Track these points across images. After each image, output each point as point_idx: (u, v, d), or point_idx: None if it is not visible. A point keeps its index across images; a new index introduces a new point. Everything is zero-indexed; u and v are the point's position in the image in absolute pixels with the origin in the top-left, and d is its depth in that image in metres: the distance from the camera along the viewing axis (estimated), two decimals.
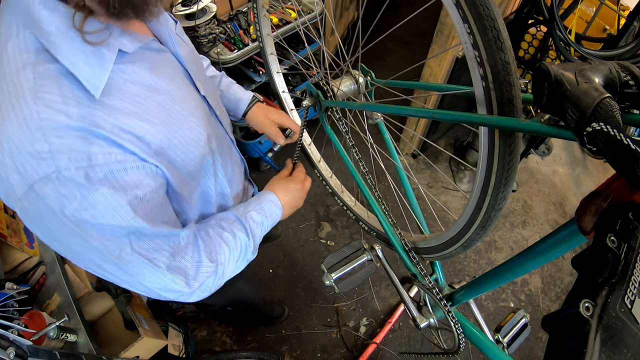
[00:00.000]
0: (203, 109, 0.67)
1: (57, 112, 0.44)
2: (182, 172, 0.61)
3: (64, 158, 0.44)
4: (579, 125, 0.33)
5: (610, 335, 0.27)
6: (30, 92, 0.44)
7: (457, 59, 1.73)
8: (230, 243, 0.66)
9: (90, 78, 0.47)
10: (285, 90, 1.09)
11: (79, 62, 0.46)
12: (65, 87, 0.46)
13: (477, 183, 0.54)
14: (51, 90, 0.45)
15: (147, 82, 0.55)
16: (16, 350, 0.77)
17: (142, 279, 0.55)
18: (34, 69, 0.45)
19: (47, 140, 0.44)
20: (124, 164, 0.50)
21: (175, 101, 0.59)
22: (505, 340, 0.71)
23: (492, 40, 0.42)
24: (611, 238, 0.32)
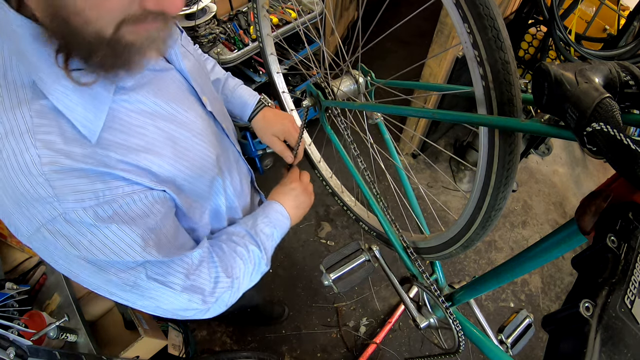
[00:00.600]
0: (210, 127, 0.65)
1: (59, 154, 0.42)
2: (191, 196, 0.61)
3: (70, 200, 0.43)
4: (579, 125, 0.33)
5: (610, 335, 0.27)
6: (29, 134, 0.41)
7: (457, 59, 1.73)
8: (245, 257, 0.66)
9: (85, 123, 0.45)
10: (285, 90, 1.09)
11: (72, 105, 0.44)
12: (65, 126, 0.44)
13: (477, 183, 0.54)
14: (50, 130, 0.43)
15: (151, 109, 0.53)
16: (16, 350, 0.77)
17: (160, 302, 0.55)
18: (30, 106, 0.42)
19: (51, 184, 0.42)
20: (132, 196, 0.48)
21: (182, 125, 0.57)
22: (509, 341, 0.71)
23: (491, 40, 0.42)
24: (611, 238, 0.32)
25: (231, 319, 1.70)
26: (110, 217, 0.46)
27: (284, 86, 1.09)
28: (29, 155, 0.41)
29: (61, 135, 0.43)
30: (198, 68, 0.69)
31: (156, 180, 0.52)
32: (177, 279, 0.55)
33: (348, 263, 0.75)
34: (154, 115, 0.53)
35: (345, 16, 2.47)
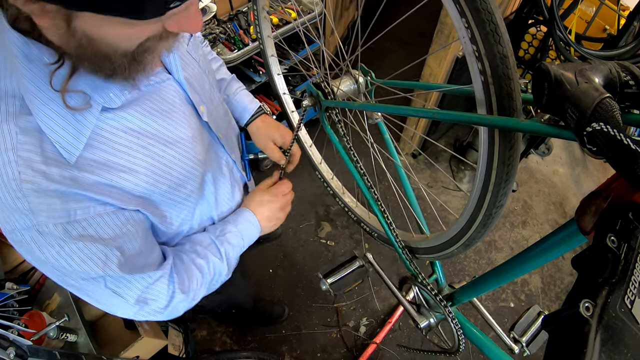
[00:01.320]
0: (201, 141, 0.66)
1: (37, 174, 0.45)
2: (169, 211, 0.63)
3: (43, 215, 0.46)
4: (579, 125, 0.33)
5: (610, 335, 0.27)
6: (12, 151, 0.44)
7: (457, 59, 1.73)
8: (204, 269, 0.67)
9: (66, 145, 0.46)
10: (286, 92, 1.08)
11: (56, 127, 0.46)
12: (46, 145, 0.46)
13: (477, 181, 0.54)
14: (31, 148, 0.44)
15: (137, 127, 0.54)
16: (16, 350, 0.77)
17: (113, 309, 0.58)
18: (16, 122, 0.44)
19: (27, 199, 0.44)
20: (103, 217, 0.51)
21: (168, 144, 0.58)
22: (524, 339, 0.68)
23: (489, 34, 0.42)
24: (611, 238, 0.32)
25: (231, 319, 1.70)
26: (79, 235, 0.48)
27: (285, 88, 1.09)
28: (11, 170, 0.44)
29: (42, 155, 0.45)
30: (199, 76, 0.69)
31: (131, 200, 0.54)
32: (133, 293, 0.57)
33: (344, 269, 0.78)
34: (139, 133, 0.54)
35: (345, 16, 2.47)
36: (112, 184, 0.51)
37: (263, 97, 1.96)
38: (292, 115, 1.10)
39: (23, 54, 0.43)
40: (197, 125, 0.65)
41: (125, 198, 0.53)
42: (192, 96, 0.64)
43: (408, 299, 0.79)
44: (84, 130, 0.48)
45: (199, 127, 0.65)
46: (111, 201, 0.51)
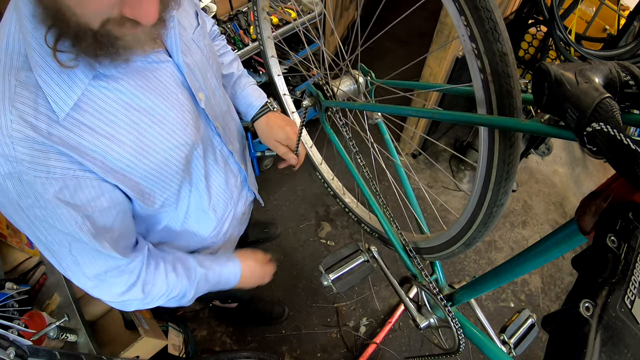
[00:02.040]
0: (195, 126, 0.66)
1: (27, 125, 0.47)
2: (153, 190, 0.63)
3: (25, 165, 0.48)
4: (579, 125, 0.33)
5: (610, 335, 0.27)
6: (8, 101, 0.47)
7: (457, 59, 1.73)
8: (171, 284, 0.69)
9: (57, 99, 0.49)
10: (286, 93, 1.09)
11: (51, 82, 0.48)
12: (40, 100, 0.48)
13: (477, 180, 0.54)
14: (27, 101, 0.47)
15: (128, 99, 0.55)
16: (16, 350, 0.77)
17: (71, 276, 0.59)
18: (17, 75, 0.47)
19: (14, 147, 0.47)
20: (80, 181, 0.52)
21: (156, 121, 0.59)
22: (512, 341, 0.71)
23: (489, 32, 0.42)
24: (611, 238, 0.32)
25: (231, 319, 1.70)
26: (55, 193, 0.50)
27: (285, 88, 1.09)
28: (4, 117, 0.46)
29: (34, 109, 0.48)
30: (202, 64, 0.70)
31: (110, 171, 0.55)
32: (94, 269, 0.58)
33: (347, 264, 0.75)
34: (129, 105, 0.56)
35: (345, 16, 2.47)
36: (94, 149, 0.53)
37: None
38: (293, 116, 1.10)
39: (30, 12, 0.46)
40: (192, 110, 0.66)
41: (106, 168, 0.54)
42: (190, 81, 0.65)
43: (410, 297, 0.79)
44: (75, 88, 0.50)
45: (193, 113, 0.66)
46: (91, 167, 0.53)
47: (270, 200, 2.09)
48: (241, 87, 0.93)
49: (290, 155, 0.91)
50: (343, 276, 0.74)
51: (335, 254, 0.76)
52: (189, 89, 0.65)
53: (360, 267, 0.76)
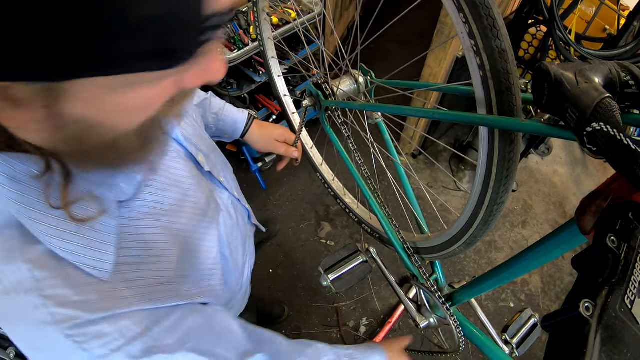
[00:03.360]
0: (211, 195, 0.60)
1: (74, 309, 0.36)
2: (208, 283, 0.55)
3: (96, 347, 0.38)
4: (579, 125, 0.33)
5: (610, 335, 0.27)
6: (34, 294, 0.35)
7: (457, 59, 1.73)
8: None
9: (94, 264, 0.38)
10: (287, 93, 1.08)
11: (76, 249, 0.37)
12: (70, 270, 0.37)
13: (477, 180, 0.54)
14: (56, 282, 0.36)
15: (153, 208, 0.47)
16: (16, 350, 0.77)
17: None
18: (24, 256, 0.35)
19: (73, 340, 0.36)
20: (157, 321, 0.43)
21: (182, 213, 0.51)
22: (514, 341, 0.70)
23: (487, 28, 0.42)
24: (611, 238, 0.32)
25: None
26: (141, 351, 0.40)
27: (285, 89, 1.09)
28: (42, 314, 0.35)
29: (70, 286, 0.37)
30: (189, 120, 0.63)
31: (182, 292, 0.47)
32: None
33: (346, 264, 0.75)
34: (157, 215, 0.47)
35: (345, 16, 2.47)
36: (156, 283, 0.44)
37: (263, 97, 1.96)
38: (293, 117, 1.10)
39: (6, 176, 0.33)
40: (202, 179, 0.59)
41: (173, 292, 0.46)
42: (190, 150, 0.58)
43: (410, 297, 0.79)
44: (108, 238, 0.40)
45: (204, 181, 0.60)
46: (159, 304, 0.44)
47: (271, 200, 2.09)
48: (220, 107, 0.86)
49: (291, 150, 0.90)
50: (342, 277, 0.74)
51: (334, 255, 0.76)
52: (192, 158, 0.59)
53: (359, 268, 0.76)
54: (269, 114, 1.95)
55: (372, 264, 0.77)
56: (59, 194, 0.35)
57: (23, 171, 0.34)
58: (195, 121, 0.66)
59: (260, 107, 1.94)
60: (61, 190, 0.35)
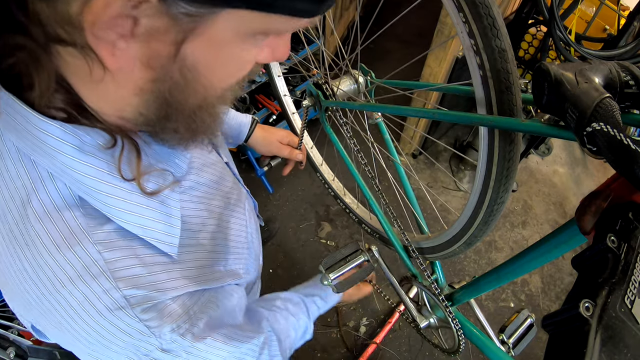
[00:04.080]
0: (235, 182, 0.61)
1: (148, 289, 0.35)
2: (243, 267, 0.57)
3: (167, 331, 0.37)
4: (579, 125, 0.33)
5: (610, 335, 0.27)
6: (104, 277, 0.33)
7: (457, 59, 1.73)
8: (296, 327, 0.66)
9: (164, 238, 0.38)
10: (286, 93, 1.08)
11: (148, 222, 0.36)
12: (140, 249, 0.36)
13: (478, 179, 0.54)
14: (128, 263, 0.35)
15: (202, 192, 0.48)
16: (16, 350, 0.77)
17: None
18: (91, 238, 0.33)
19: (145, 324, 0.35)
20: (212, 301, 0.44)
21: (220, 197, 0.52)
22: (510, 341, 0.71)
23: (487, 28, 0.42)
24: (611, 238, 0.32)
25: None
26: (202, 330, 0.41)
27: (285, 89, 1.09)
28: (112, 299, 0.34)
29: (142, 265, 0.36)
30: None
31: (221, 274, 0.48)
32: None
33: (347, 263, 0.75)
34: (204, 197, 0.47)
35: (345, 16, 2.47)
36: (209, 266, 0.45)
37: (263, 97, 1.96)
38: (293, 117, 1.10)
39: (73, 147, 0.31)
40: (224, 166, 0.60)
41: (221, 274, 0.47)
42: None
43: (410, 297, 0.79)
44: (174, 212, 0.39)
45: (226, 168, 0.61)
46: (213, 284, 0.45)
47: (271, 200, 2.09)
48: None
49: (295, 153, 0.90)
50: (343, 276, 0.74)
51: (335, 254, 0.75)
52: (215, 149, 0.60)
53: (360, 267, 0.76)
54: (269, 114, 1.95)
55: (374, 263, 0.77)
56: (128, 166, 0.34)
57: (91, 143, 0.32)
58: None
59: (260, 107, 1.94)
60: (132, 161, 0.34)
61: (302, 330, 0.68)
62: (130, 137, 0.34)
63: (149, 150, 0.38)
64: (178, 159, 0.42)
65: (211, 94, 0.33)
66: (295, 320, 0.66)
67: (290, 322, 0.65)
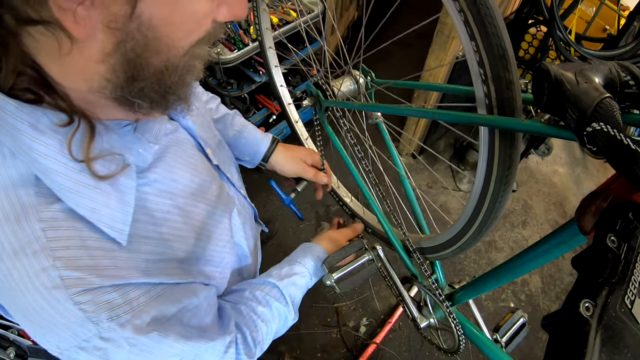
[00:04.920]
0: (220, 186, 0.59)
1: (85, 272, 0.35)
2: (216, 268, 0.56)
3: (104, 319, 0.36)
4: (579, 125, 0.33)
5: (610, 335, 0.27)
6: (43, 254, 0.34)
7: (457, 59, 1.73)
8: (267, 317, 0.61)
9: (113, 224, 0.38)
10: (283, 84, 1.07)
11: (96, 205, 0.36)
12: (85, 232, 0.36)
13: (478, 179, 0.54)
14: (70, 243, 0.35)
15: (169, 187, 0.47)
16: (16, 351, 0.77)
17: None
18: (39, 215, 0.34)
19: (80, 308, 0.35)
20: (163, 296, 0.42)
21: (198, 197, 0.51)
22: (503, 340, 0.71)
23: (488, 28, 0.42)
24: (611, 238, 0.32)
25: None
26: (147, 324, 0.40)
27: (282, 80, 1.08)
28: (49, 278, 0.34)
29: (84, 248, 0.36)
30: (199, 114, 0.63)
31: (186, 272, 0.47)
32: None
33: (351, 263, 0.74)
34: (172, 193, 0.47)
35: (345, 16, 2.47)
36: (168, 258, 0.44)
37: (263, 97, 1.96)
38: (289, 108, 1.09)
39: (29, 124, 0.33)
40: (213, 172, 0.60)
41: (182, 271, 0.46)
42: (200, 141, 0.58)
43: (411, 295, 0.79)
44: (127, 198, 0.39)
45: (215, 175, 0.60)
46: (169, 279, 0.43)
47: (271, 200, 2.09)
48: (242, 125, 0.82)
49: (320, 176, 0.84)
50: (347, 276, 0.71)
51: (338, 253, 0.74)
52: (201, 149, 0.59)
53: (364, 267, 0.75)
54: (269, 114, 1.95)
55: (378, 262, 0.76)
56: (80, 148, 0.35)
57: (45, 122, 0.34)
58: (204, 117, 0.66)
59: (260, 107, 1.94)
60: (84, 143, 0.35)
61: (279, 316, 0.63)
62: (90, 119, 0.36)
63: (109, 137, 0.39)
64: (142, 149, 0.43)
65: (174, 53, 0.34)
66: (266, 310, 0.61)
67: (259, 314, 0.60)
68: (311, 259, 0.72)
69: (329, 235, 0.80)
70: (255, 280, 0.65)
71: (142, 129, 0.44)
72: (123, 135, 0.41)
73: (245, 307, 0.60)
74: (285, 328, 0.66)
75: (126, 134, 0.42)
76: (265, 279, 0.65)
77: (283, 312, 0.63)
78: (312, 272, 0.70)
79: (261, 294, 0.62)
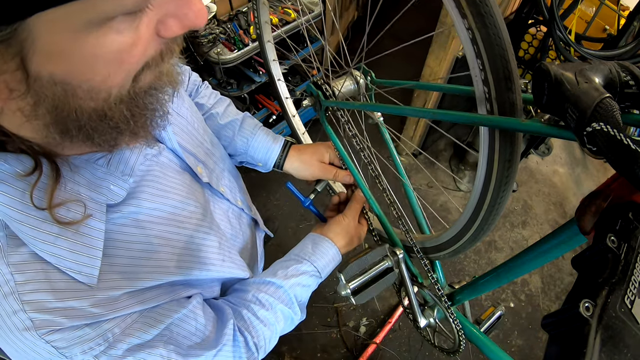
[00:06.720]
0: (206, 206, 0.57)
1: (53, 315, 0.35)
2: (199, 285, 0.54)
3: (78, 352, 0.36)
4: (579, 125, 0.33)
5: (610, 335, 0.27)
6: (13, 297, 0.34)
7: (457, 59, 1.73)
8: (270, 321, 0.58)
9: (80, 269, 0.37)
10: (281, 78, 1.07)
11: (60, 252, 0.36)
12: (54, 275, 0.36)
13: (478, 179, 0.54)
14: (37, 287, 0.35)
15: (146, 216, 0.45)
16: None
17: None
18: (7, 259, 0.34)
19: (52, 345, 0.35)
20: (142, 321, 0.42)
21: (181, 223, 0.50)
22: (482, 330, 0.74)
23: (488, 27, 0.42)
24: (611, 238, 0.32)
25: None
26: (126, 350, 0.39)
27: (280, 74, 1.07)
28: (20, 320, 0.34)
29: (52, 291, 0.36)
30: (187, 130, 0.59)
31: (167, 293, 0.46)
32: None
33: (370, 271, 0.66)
34: (152, 222, 0.46)
35: (345, 16, 2.47)
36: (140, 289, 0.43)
37: (263, 98, 1.96)
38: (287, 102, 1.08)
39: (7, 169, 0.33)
40: (201, 191, 0.57)
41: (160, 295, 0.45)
42: (189, 162, 0.56)
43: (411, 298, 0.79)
44: (95, 242, 0.39)
45: (202, 194, 0.58)
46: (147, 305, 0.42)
47: (271, 200, 2.09)
48: (250, 131, 0.78)
49: (342, 175, 0.79)
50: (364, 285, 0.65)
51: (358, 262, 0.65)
52: (188, 170, 0.57)
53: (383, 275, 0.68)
54: (269, 114, 1.95)
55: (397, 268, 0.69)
56: (44, 194, 0.35)
57: (7, 170, 0.34)
58: (193, 126, 0.63)
59: (260, 107, 1.94)
60: (47, 190, 0.35)
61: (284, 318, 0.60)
62: (55, 161, 0.35)
63: (77, 176, 0.38)
64: (114, 185, 0.41)
65: (104, 95, 0.31)
66: (269, 314, 0.58)
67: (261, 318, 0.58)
68: (321, 256, 0.66)
69: (339, 223, 0.72)
70: (259, 279, 0.62)
71: (116, 160, 0.42)
72: (94, 171, 0.40)
73: (247, 311, 0.57)
74: (292, 327, 0.64)
75: (98, 168, 0.40)
76: (270, 278, 0.61)
77: (288, 314, 0.61)
78: (321, 271, 0.65)
79: (264, 297, 0.59)
